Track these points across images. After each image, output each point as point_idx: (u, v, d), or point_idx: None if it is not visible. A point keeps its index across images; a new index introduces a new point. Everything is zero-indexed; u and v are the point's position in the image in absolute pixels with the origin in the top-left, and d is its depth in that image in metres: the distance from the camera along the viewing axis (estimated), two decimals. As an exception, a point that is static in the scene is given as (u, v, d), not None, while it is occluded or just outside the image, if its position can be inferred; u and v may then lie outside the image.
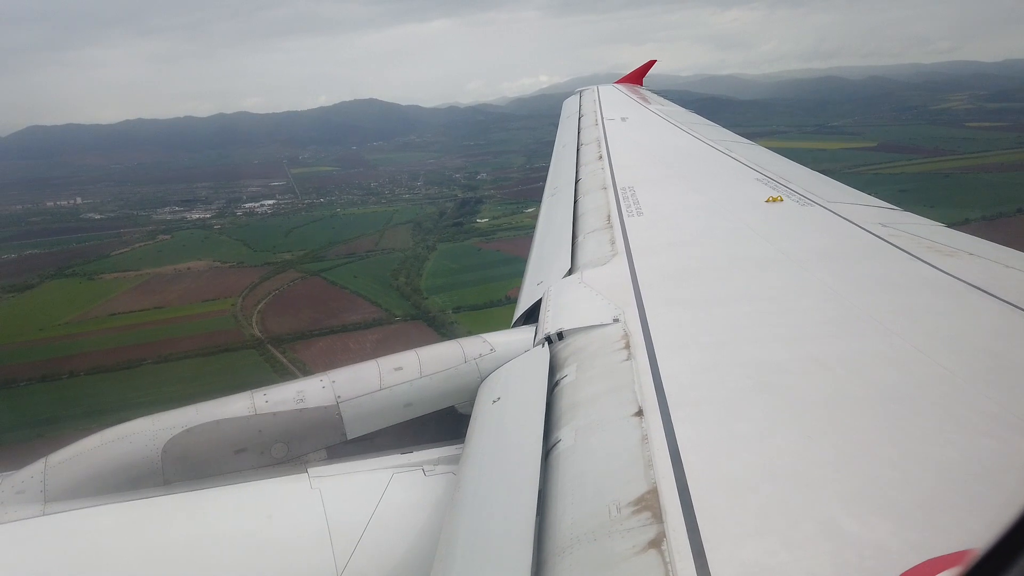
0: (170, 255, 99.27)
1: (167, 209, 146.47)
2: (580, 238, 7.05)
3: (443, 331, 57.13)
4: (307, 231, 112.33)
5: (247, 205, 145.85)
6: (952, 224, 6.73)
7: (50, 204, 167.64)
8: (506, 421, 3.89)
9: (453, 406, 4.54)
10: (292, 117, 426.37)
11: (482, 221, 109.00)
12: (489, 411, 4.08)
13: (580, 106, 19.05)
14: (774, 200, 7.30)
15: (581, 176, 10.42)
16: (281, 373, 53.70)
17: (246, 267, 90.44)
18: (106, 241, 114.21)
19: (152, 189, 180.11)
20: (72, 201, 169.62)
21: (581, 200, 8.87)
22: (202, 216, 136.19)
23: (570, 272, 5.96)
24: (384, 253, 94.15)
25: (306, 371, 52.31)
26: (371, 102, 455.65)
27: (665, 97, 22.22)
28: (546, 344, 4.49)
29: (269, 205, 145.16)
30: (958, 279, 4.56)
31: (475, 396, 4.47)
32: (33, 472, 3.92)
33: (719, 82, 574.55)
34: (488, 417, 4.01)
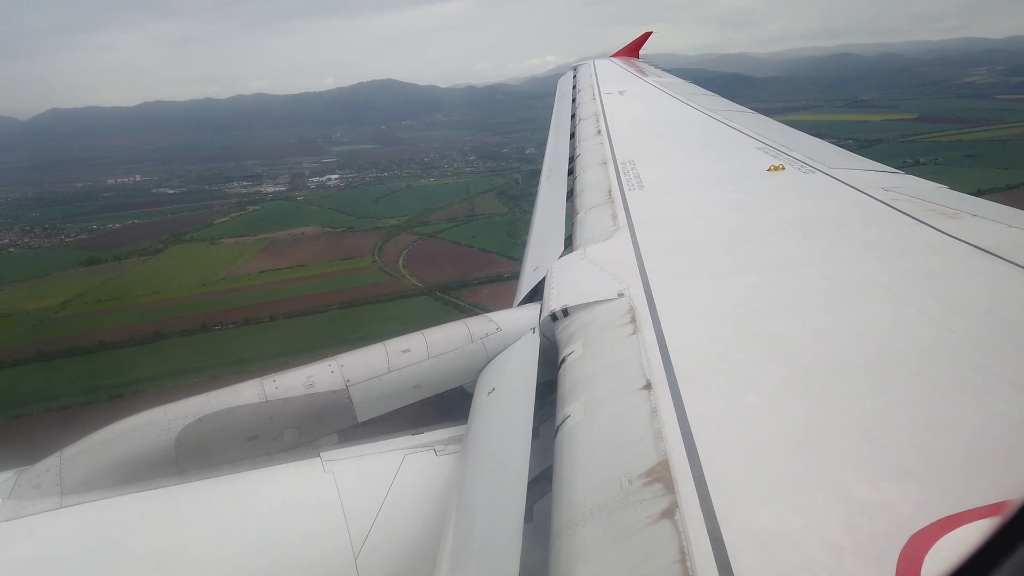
0: (273, 223, 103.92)
1: (236, 184, 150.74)
2: (581, 214, 7.03)
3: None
4: (393, 200, 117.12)
5: (314, 179, 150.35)
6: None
7: (111, 181, 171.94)
8: (498, 413, 3.99)
9: (462, 386, 4.62)
10: (310, 98, 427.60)
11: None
12: (485, 403, 4.20)
13: (576, 82, 18.89)
14: (776, 169, 7.32)
15: (580, 152, 10.28)
16: (468, 313, 58.99)
17: (357, 232, 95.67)
18: (199, 212, 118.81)
19: (202, 167, 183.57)
20: (132, 178, 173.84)
21: (581, 176, 8.83)
22: (276, 189, 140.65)
23: (572, 249, 5.98)
24: (485, 218, 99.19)
25: (488, 311, 57.58)
26: (389, 82, 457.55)
27: (681, 75, 22.13)
28: (537, 330, 4.62)
29: (336, 179, 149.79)
30: (962, 241, 4.59)
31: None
32: (49, 466, 3.99)
33: (729, 61, 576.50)
34: (484, 409, 4.14)
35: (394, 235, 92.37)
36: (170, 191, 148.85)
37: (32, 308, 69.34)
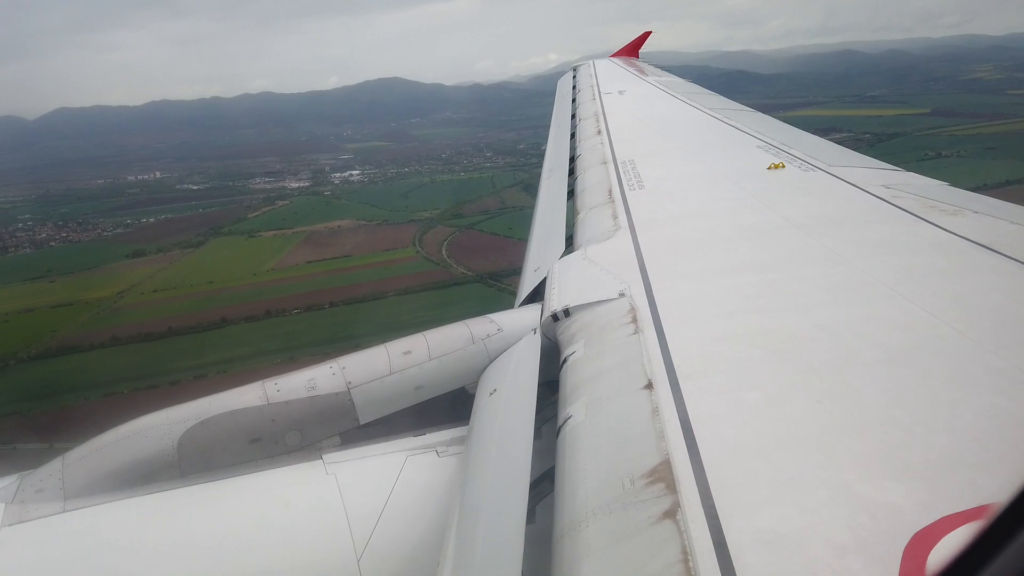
0: (306, 216, 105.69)
1: (258, 180, 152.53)
2: (582, 214, 7.03)
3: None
4: (421, 194, 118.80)
5: (336, 175, 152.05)
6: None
7: (131, 178, 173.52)
8: (500, 414, 4.01)
9: (463, 387, 4.62)
10: (317, 96, 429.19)
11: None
12: (487, 403, 4.23)
13: (576, 82, 18.96)
14: (776, 167, 7.32)
15: (580, 152, 10.30)
16: (524, 299, 61.03)
17: (392, 224, 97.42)
18: (229, 208, 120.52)
19: (219, 164, 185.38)
20: (152, 175, 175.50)
21: (581, 176, 8.84)
22: (300, 185, 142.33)
23: (573, 249, 5.99)
24: (516, 210, 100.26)
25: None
26: (395, 81, 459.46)
27: (685, 73, 22.22)
28: (538, 331, 4.62)
29: (357, 174, 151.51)
30: (963, 238, 4.60)
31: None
32: (51, 470, 3.99)
33: (732, 58, 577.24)
34: (485, 410, 4.16)
35: (431, 227, 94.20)
36: (194, 187, 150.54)
37: (90, 298, 71.29)
